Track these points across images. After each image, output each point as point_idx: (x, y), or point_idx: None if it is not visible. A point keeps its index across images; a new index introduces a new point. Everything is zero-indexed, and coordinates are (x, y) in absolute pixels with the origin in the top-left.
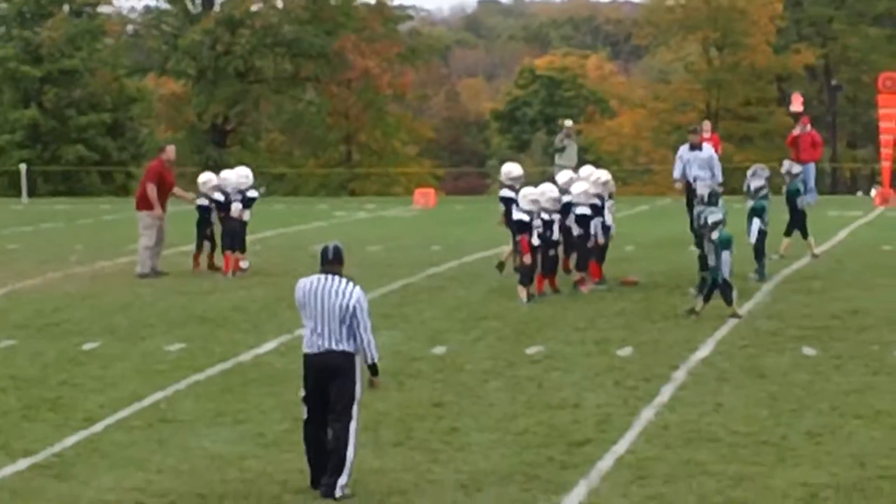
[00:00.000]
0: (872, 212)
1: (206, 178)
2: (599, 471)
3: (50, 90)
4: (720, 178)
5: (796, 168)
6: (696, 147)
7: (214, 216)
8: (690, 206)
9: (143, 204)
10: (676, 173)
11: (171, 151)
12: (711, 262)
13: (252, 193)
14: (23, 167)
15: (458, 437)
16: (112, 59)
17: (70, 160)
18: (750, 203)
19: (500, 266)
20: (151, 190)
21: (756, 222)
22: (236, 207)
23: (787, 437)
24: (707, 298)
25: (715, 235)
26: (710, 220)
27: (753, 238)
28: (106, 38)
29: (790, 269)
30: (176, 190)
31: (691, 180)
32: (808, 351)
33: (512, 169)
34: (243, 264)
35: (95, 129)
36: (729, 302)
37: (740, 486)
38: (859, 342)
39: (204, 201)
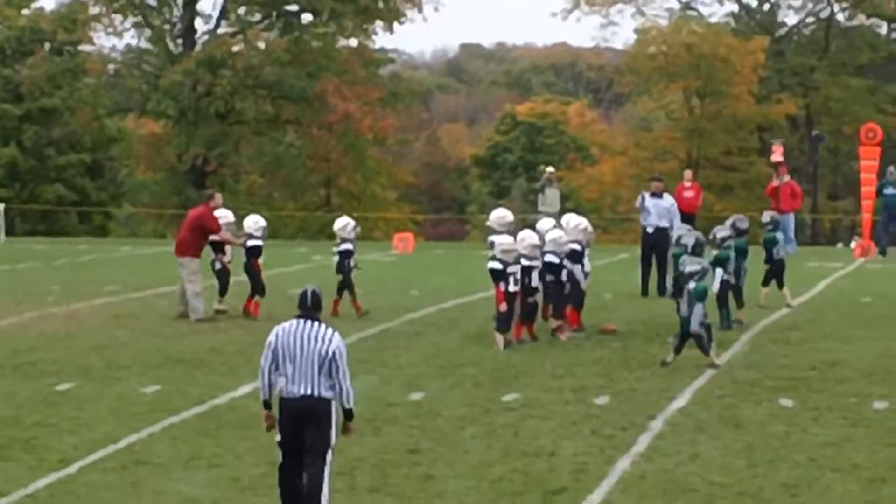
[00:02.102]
0: (852, 264)
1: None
2: None
3: (29, 129)
4: (679, 228)
5: (766, 217)
6: (656, 195)
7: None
8: (644, 254)
9: (186, 249)
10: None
11: (219, 199)
12: (684, 311)
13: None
14: (0, 206)
15: (433, 483)
16: (92, 98)
17: (48, 200)
18: (714, 252)
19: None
20: (228, 235)
21: (719, 272)
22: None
23: (763, 489)
24: (678, 350)
25: (691, 286)
26: (688, 269)
27: (716, 288)
28: (86, 77)
29: (769, 320)
30: (225, 234)
31: (648, 229)
32: (786, 402)
33: (503, 214)
34: (222, 307)
35: (74, 169)
36: (705, 352)
37: None
38: (837, 394)
39: (347, 246)
